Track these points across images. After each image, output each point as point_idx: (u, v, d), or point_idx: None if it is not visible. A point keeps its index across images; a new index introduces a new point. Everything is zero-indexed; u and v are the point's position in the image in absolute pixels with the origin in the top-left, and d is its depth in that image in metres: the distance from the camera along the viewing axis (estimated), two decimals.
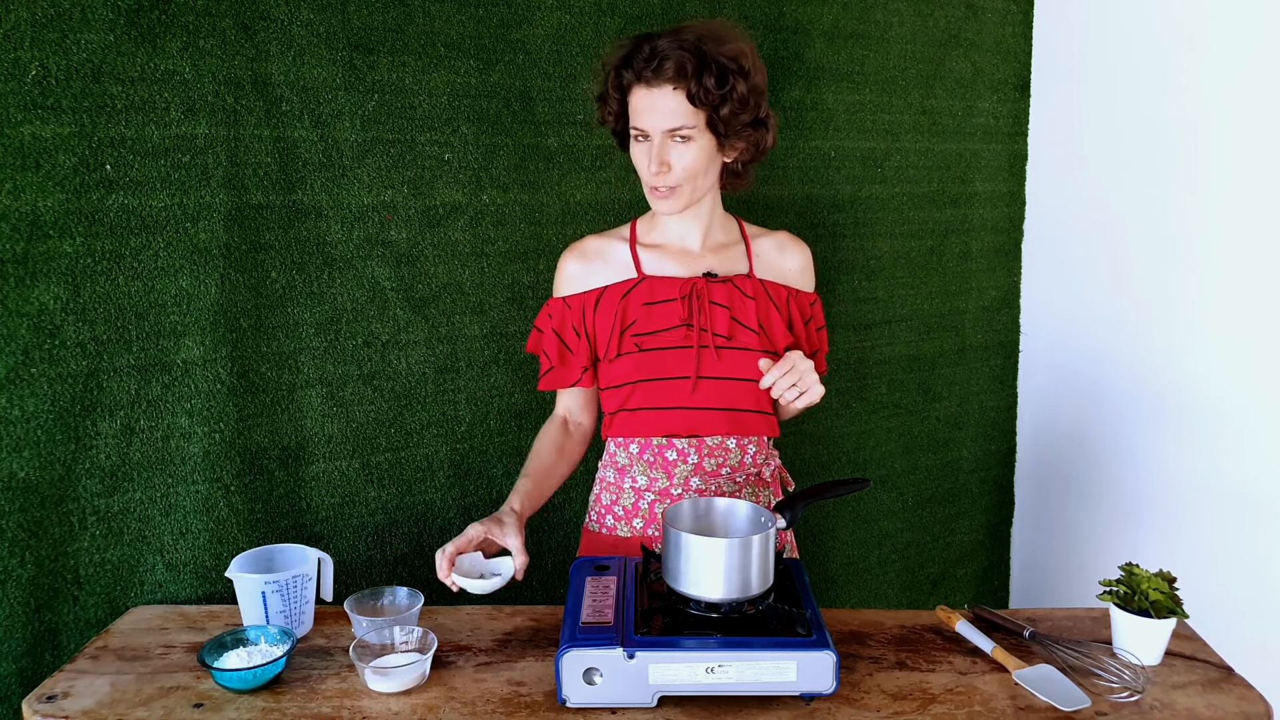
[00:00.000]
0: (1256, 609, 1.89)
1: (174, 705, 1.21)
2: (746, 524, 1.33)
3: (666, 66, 1.34)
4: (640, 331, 1.47)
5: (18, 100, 1.39)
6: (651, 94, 1.37)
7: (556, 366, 1.53)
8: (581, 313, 1.51)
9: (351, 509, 1.75)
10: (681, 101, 1.36)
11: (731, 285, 1.49)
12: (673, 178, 1.41)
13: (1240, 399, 1.93)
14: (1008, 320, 2.51)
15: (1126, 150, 2.15)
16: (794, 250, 1.58)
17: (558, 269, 1.55)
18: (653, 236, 1.54)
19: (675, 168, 1.40)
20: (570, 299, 1.52)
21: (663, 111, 1.37)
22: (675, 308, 1.47)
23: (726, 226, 1.56)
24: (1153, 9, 2.06)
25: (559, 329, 1.53)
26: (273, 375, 1.65)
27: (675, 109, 1.36)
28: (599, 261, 1.52)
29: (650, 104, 1.37)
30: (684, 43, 1.35)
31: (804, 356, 1.37)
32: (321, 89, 1.63)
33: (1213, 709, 1.21)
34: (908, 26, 2.22)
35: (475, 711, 1.19)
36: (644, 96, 1.37)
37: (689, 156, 1.40)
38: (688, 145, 1.39)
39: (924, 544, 2.49)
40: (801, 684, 1.17)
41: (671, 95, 1.36)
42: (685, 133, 1.38)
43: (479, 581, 1.33)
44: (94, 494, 1.51)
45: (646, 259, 1.52)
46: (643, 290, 1.49)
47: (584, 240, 1.56)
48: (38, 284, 1.44)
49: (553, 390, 1.59)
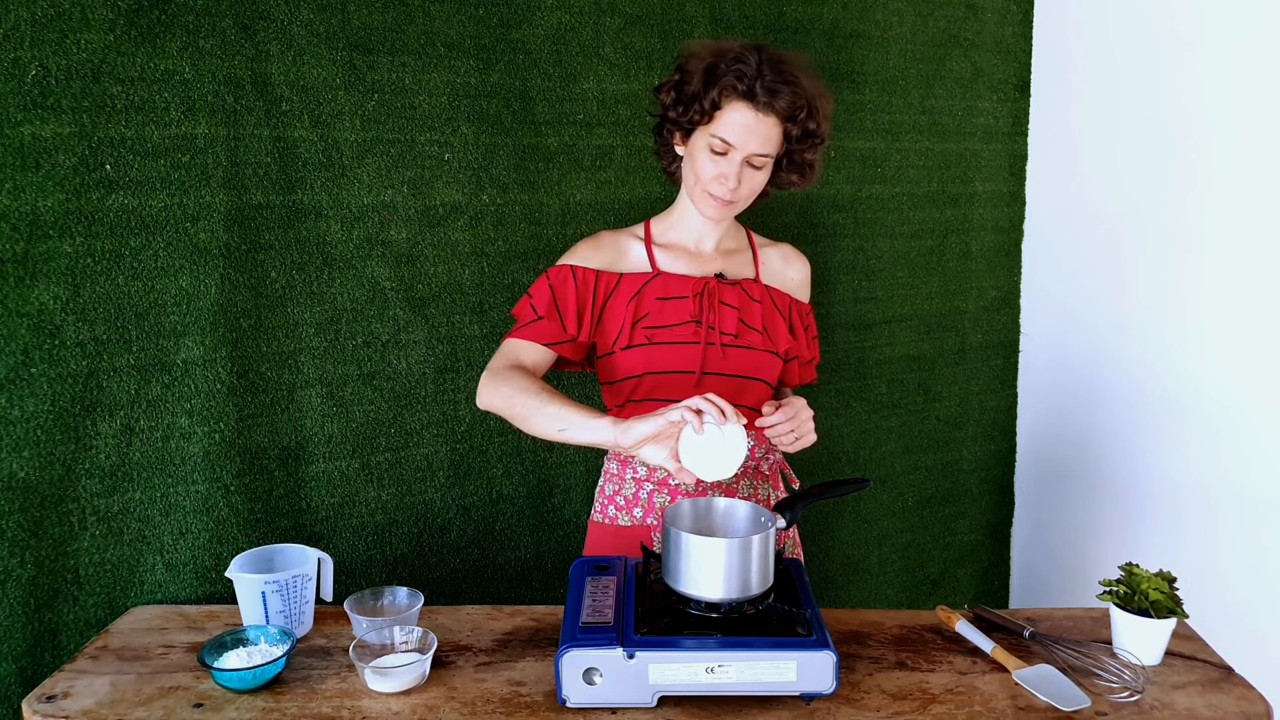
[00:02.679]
0: (1256, 609, 1.89)
1: (174, 705, 1.21)
2: (746, 524, 1.33)
3: (782, 100, 1.39)
4: (652, 325, 1.50)
5: (18, 100, 1.39)
6: (758, 118, 1.40)
7: (544, 319, 1.47)
8: (592, 287, 1.50)
9: (351, 509, 1.75)
10: (779, 133, 1.43)
11: (740, 288, 1.54)
12: (738, 194, 1.45)
13: (1240, 399, 1.93)
14: (1008, 320, 2.51)
15: (1126, 150, 2.15)
16: (797, 263, 1.66)
17: (572, 249, 1.54)
18: (669, 237, 1.57)
19: (744, 187, 1.45)
20: (579, 269, 1.50)
21: (761, 138, 1.41)
22: (687, 305, 1.50)
23: (736, 235, 1.63)
24: (1152, 9, 2.06)
25: (557, 288, 1.49)
26: (273, 375, 1.65)
27: (772, 138, 1.42)
28: (615, 254, 1.55)
29: (752, 126, 1.40)
30: (796, 81, 1.41)
31: (807, 405, 1.42)
32: (321, 89, 1.63)
33: (1213, 709, 1.21)
34: (908, 26, 2.22)
35: (475, 711, 1.19)
36: (747, 115, 1.40)
37: (758, 180, 1.47)
38: (762, 170, 1.45)
39: (924, 544, 2.49)
40: (801, 684, 1.17)
41: (775, 125, 1.41)
42: (766, 160, 1.44)
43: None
44: (94, 494, 1.51)
45: (661, 257, 1.55)
46: (657, 285, 1.52)
47: (600, 234, 1.58)
48: (38, 284, 1.44)
49: (524, 340, 1.47)
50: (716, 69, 1.40)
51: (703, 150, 1.44)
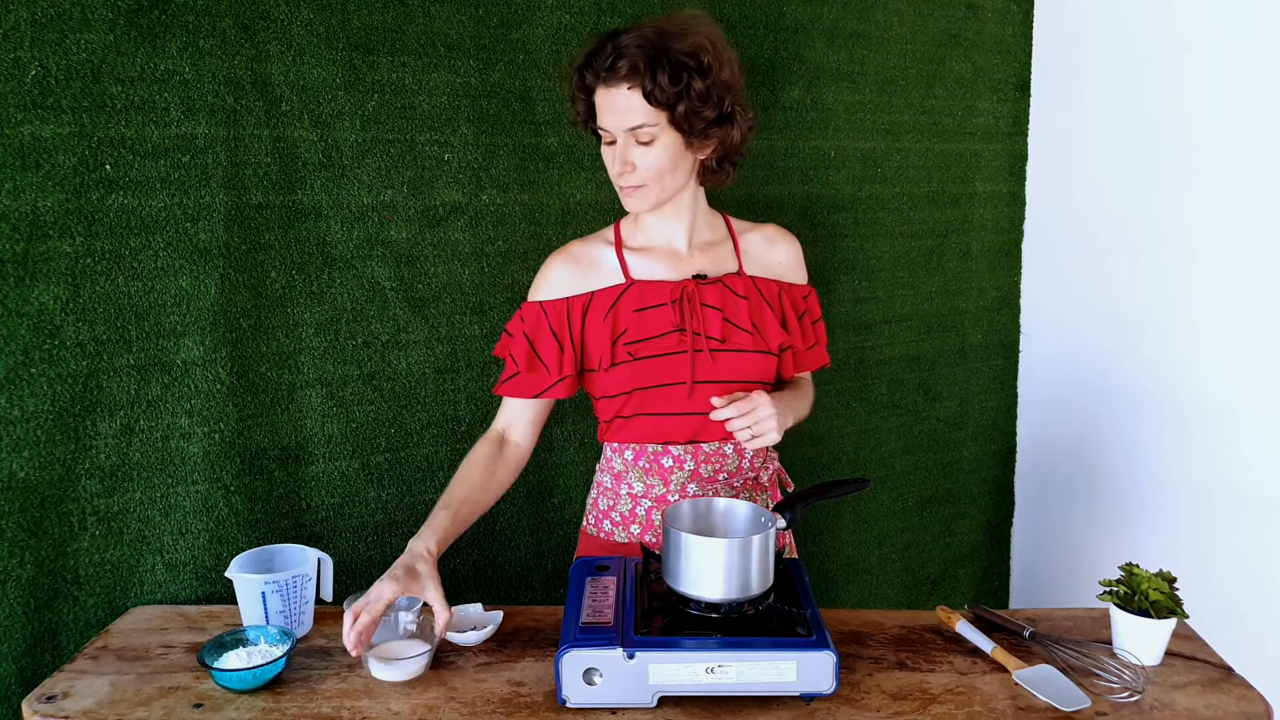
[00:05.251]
0: (1256, 609, 1.89)
1: (174, 705, 1.21)
2: (746, 524, 1.33)
3: (620, 66, 1.32)
4: (632, 339, 1.43)
5: (18, 100, 1.39)
6: (610, 94, 1.35)
7: (523, 373, 1.46)
8: (565, 318, 1.45)
9: (351, 509, 1.75)
10: (639, 100, 1.33)
11: (722, 285, 1.47)
12: (636, 177, 1.38)
13: (1240, 399, 1.93)
14: (1008, 320, 2.51)
15: (1126, 150, 2.15)
16: (783, 243, 1.56)
17: (541, 271, 1.50)
18: (638, 239, 1.50)
19: (639, 167, 1.38)
20: (548, 304, 1.46)
21: (620, 111, 1.35)
22: (666, 313, 1.43)
23: (713, 224, 1.53)
24: (1153, 9, 2.06)
25: (531, 334, 1.46)
26: (273, 375, 1.65)
27: (633, 108, 1.34)
28: (586, 267, 1.48)
29: (609, 104, 1.36)
30: (642, 40, 1.32)
31: (767, 400, 1.36)
32: (321, 89, 1.62)
33: (1213, 709, 1.21)
34: (908, 26, 2.22)
35: (475, 711, 1.19)
36: (604, 96, 1.36)
37: (652, 156, 1.37)
38: (651, 144, 1.37)
39: (924, 544, 2.49)
40: (801, 684, 1.17)
41: (628, 94, 1.33)
42: (647, 131, 1.36)
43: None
44: (94, 494, 1.51)
45: (634, 263, 1.48)
46: (632, 296, 1.45)
47: (569, 246, 1.51)
48: (38, 284, 1.44)
49: (510, 396, 1.49)
50: (577, 68, 1.38)
51: (602, 148, 1.42)
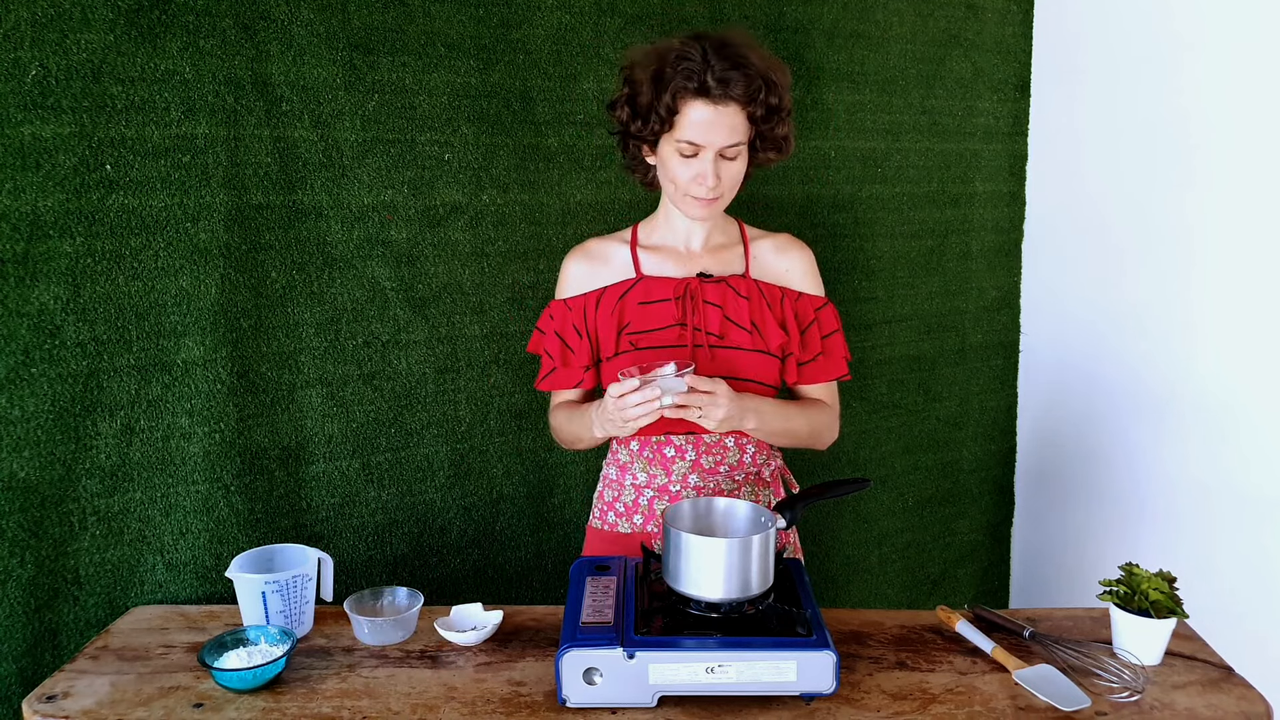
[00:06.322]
0: (1256, 609, 1.89)
1: (174, 705, 1.21)
2: (746, 524, 1.33)
3: (737, 87, 1.35)
4: (636, 330, 1.49)
5: (18, 100, 1.39)
6: (718, 111, 1.37)
7: (560, 368, 1.54)
8: (583, 313, 1.52)
9: (351, 509, 1.75)
10: (742, 119, 1.39)
11: (725, 285, 1.51)
12: (719, 189, 1.42)
13: (1240, 399, 1.93)
14: (1008, 320, 2.51)
15: (1126, 150, 2.15)
16: (794, 252, 1.58)
17: (561, 270, 1.57)
18: (655, 239, 1.56)
19: (724, 182, 1.42)
20: (571, 300, 1.54)
21: (725, 129, 1.38)
22: (669, 308, 1.49)
23: (727, 228, 1.58)
24: (1153, 9, 2.06)
25: (560, 330, 1.54)
26: (273, 375, 1.65)
27: (735, 125, 1.39)
28: (600, 263, 1.55)
29: (712, 120, 1.37)
30: (747, 62, 1.37)
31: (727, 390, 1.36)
32: (321, 89, 1.62)
33: (1213, 709, 1.21)
34: (908, 26, 2.22)
35: (475, 711, 1.19)
36: (706, 111, 1.37)
37: (735, 169, 1.43)
38: (738, 160, 1.42)
39: (924, 544, 2.49)
40: (801, 684, 1.17)
41: (737, 113, 1.38)
42: (736, 148, 1.41)
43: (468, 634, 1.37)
44: (94, 494, 1.51)
45: (646, 260, 1.54)
46: (639, 290, 1.51)
47: (587, 243, 1.58)
48: (38, 284, 1.44)
49: (553, 390, 1.59)
50: (664, 73, 1.37)
51: (673, 156, 1.42)
